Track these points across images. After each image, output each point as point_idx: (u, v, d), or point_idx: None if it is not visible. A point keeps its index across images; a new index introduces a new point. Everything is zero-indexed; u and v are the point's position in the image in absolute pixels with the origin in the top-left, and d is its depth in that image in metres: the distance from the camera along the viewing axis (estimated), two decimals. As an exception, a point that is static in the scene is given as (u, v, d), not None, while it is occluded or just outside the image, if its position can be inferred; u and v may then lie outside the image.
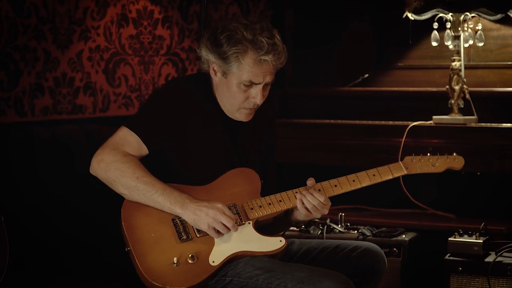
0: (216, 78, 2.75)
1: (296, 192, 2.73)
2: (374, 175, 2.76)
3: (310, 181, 2.76)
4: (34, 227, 3.05)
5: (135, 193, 2.64)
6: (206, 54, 2.73)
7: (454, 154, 2.83)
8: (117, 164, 2.64)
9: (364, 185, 2.77)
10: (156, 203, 2.64)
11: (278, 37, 2.70)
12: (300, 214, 2.76)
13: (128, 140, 2.70)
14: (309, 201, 2.70)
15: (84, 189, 3.17)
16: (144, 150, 2.71)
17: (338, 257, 2.78)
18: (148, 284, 2.56)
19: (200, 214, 2.61)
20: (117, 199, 2.74)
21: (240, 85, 2.69)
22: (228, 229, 2.62)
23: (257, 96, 2.71)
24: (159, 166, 2.74)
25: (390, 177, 2.78)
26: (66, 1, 3.72)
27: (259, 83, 2.69)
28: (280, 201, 2.72)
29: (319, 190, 2.74)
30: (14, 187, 3.05)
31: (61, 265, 3.02)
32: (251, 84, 2.69)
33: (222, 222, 2.60)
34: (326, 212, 2.74)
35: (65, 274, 2.95)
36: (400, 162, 2.80)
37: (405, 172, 2.78)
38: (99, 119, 3.87)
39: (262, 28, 2.68)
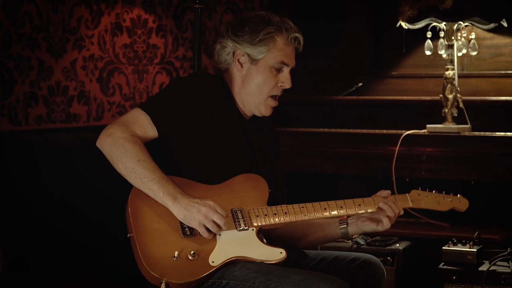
0: (243, 71, 2.79)
1: (302, 207, 2.72)
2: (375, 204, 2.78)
3: (385, 192, 2.82)
4: (35, 228, 3.04)
5: (133, 175, 2.60)
6: (233, 46, 2.77)
7: (459, 195, 2.85)
8: (123, 141, 2.60)
9: (360, 212, 2.77)
10: (150, 191, 2.60)
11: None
12: (370, 225, 2.78)
13: (139, 118, 2.67)
14: (393, 209, 2.75)
15: (84, 190, 3.17)
16: (153, 132, 2.68)
17: (336, 268, 2.77)
18: (145, 272, 2.55)
19: (191, 210, 2.57)
20: (116, 199, 2.74)
21: (271, 69, 2.77)
22: (219, 228, 2.60)
23: (287, 80, 2.79)
24: (167, 159, 2.71)
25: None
26: (60, 10, 3.72)
27: (288, 65, 2.78)
28: (286, 213, 2.70)
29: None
30: (14, 187, 3.04)
31: (62, 266, 3.02)
32: (281, 66, 2.77)
33: (213, 220, 2.58)
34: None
35: (65, 275, 2.95)
36: (407, 195, 2.83)
37: (410, 205, 2.82)
38: (93, 127, 3.85)
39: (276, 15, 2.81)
